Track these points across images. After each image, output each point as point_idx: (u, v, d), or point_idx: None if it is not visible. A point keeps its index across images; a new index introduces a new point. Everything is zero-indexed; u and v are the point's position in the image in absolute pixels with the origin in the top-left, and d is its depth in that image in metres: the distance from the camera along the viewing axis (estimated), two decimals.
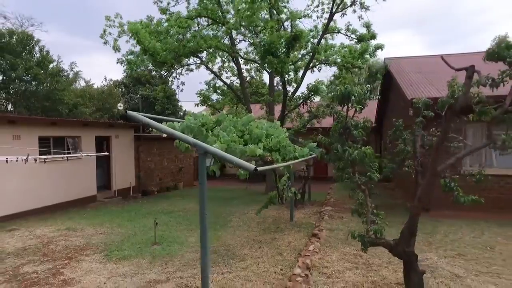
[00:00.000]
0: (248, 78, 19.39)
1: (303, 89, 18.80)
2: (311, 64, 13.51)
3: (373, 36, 13.27)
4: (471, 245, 6.20)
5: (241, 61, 15.26)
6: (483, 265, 5.18)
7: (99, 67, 57.50)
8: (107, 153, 12.02)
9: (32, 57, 21.80)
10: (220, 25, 12.83)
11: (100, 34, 12.74)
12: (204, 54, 14.51)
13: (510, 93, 3.28)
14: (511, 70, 3.21)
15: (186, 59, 13.46)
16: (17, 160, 7.07)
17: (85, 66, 54.29)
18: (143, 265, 5.53)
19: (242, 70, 17.39)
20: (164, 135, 4.66)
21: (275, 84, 15.74)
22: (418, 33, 61.80)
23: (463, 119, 3.53)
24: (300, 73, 13.76)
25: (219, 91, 17.64)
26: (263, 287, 4.58)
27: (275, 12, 10.69)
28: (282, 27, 10.93)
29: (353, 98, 3.38)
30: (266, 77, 21.41)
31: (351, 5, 12.52)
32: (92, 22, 58.49)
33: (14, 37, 20.89)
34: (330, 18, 13.08)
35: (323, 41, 14.26)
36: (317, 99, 15.66)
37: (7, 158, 6.99)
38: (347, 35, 13.59)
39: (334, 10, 13.02)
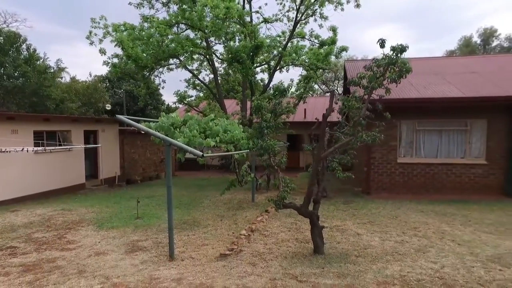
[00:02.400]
0: (225, 76, 20.91)
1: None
2: (278, 66, 15.19)
3: (334, 41, 14.98)
4: (382, 216, 8.07)
5: (218, 61, 16.80)
6: (381, 227, 7.03)
7: (84, 57, 57.75)
8: (99, 145, 13.46)
9: (20, 55, 22.78)
10: (197, 30, 14.29)
11: (86, 35, 14.03)
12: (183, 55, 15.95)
13: (365, 106, 4.99)
14: (366, 92, 4.92)
15: (166, 61, 14.88)
16: (28, 151, 8.57)
17: (70, 56, 54.52)
18: (128, 231, 7.16)
19: (220, 69, 18.94)
20: (143, 132, 6.26)
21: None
22: (405, 27, 64.68)
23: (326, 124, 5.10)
24: (276, 74, 15.43)
25: (198, 88, 19.18)
26: (217, 243, 6.30)
27: (242, 22, 12.21)
28: (248, 36, 12.48)
29: (263, 109, 5.04)
30: None
31: (312, 15, 14.21)
32: (77, 11, 58.41)
33: (1, 36, 21.82)
34: (295, 26, 14.76)
35: (292, 43, 15.94)
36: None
37: (27, 149, 8.48)
38: (310, 40, 15.29)
39: (298, 18, 14.71)
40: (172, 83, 48.13)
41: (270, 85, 15.49)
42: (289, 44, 15.37)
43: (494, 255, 5.21)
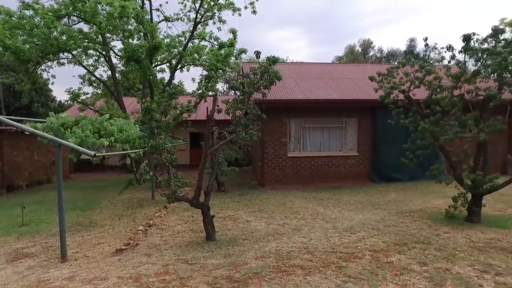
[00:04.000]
0: (125, 73, 20.10)
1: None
2: (179, 65, 15.42)
3: (232, 44, 15.86)
4: (272, 204, 9.14)
5: (117, 57, 16.14)
6: (268, 214, 8.03)
7: None
8: None
9: None
10: (92, 24, 13.52)
11: None
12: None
13: (245, 108, 5.76)
14: (245, 97, 5.70)
15: (56, 56, 13.71)
16: None
17: None
18: (9, 240, 6.70)
19: (119, 65, 18.18)
20: (27, 132, 5.98)
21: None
22: (304, 31, 70.91)
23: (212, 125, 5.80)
24: (177, 72, 15.52)
25: (94, 85, 18.08)
26: (113, 240, 6.42)
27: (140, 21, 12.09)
28: (147, 35, 12.43)
29: (153, 110, 5.46)
30: None
31: (211, 18, 14.84)
32: None
33: None
34: (195, 26, 15.19)
35: (193, 43, 16.30)
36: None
37: None
38: (210, 41, 15.91)
39: (198, 19, 15.17)
40: (65, 77, 43.56)
41: (171, 84, 15.65)
42: (190, 44, 15.72)
43: (348, 226, 6.58)
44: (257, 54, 5.33)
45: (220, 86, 30.49)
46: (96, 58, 16.42)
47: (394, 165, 11.70)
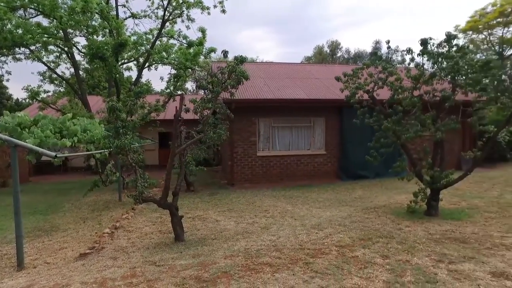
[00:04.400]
0: (90, 71, 19.32)
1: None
2: (147, 64, 15.05)
3: (201, 43, 15.72)
4: (241, 203, 9.17)
5: (81, 54, 15.47)
6: (238, 213, 8.05)
7: None
8: None
9: None
10: (52, 18, 12.87)
11: None
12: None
13: (212, 107, 5.75)
14: (213, 95, 5.69)
15: (10, 50, 12.95)
16: None
17: None
18: None
19: (83, 62, 17.44)
20: None
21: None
22: (273, 31, 71.66)
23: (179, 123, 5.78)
24: (145, 71, 15.14)
25: (56, 82, 17.24)
26: (77, 244, 6.18)
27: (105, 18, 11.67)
28: (113, 32, 12.02)
29: (118, 109, 5.32)
30: None
31: (179, 16, 14.61)
32: None
33: None
34: (163, 24, 14.89)
35: (161, 42, 15.96)
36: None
37: None
38: (179, 40, 15.66)
39: (166, 17, 14.89)
40: (23, 74, 41.08)
41: (139, 83, 15.25)
42: (158, 42, 15.39)
43: (316, 223, 6.74)
44: (225, 53, 5.34)
45: (190, 85, 30.20)
46: (58, 54, 15.69)
47: (360, 163, 12.09)
